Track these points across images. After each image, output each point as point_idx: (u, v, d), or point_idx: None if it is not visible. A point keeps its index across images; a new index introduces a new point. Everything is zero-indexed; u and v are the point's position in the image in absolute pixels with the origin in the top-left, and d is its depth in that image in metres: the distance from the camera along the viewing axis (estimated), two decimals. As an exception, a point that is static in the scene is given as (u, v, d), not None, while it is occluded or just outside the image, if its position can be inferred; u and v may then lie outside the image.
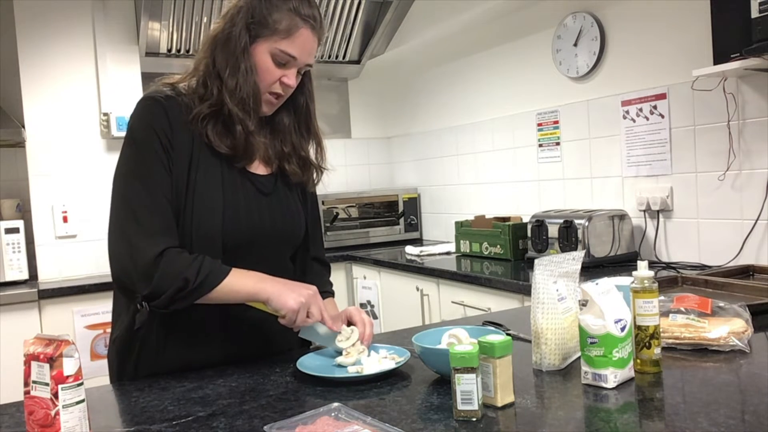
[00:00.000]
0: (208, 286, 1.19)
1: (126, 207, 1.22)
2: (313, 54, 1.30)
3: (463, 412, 0.93)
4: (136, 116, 1.27)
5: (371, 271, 3.23)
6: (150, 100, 1.27)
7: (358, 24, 3.58)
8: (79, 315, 2.81)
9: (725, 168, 2.19)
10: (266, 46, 1.26)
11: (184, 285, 1.17)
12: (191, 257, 1.20)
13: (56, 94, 3.10)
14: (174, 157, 1.24)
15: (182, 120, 1.25)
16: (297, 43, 1.26)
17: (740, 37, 1.91)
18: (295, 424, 0.92)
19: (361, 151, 4.20)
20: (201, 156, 1.27)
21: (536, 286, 1.14)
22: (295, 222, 1.41)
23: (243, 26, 1.25)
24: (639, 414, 0.94)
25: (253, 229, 1.31)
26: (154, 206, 1.21)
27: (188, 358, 1.30)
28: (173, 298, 1.18)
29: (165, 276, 1.17)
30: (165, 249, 1.19)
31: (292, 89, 1.32)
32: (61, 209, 3.08)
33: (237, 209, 1.29)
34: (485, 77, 3.32)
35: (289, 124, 1.39)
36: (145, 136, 1.24)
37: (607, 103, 2.62)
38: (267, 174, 1.38)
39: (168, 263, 1.18)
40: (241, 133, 1.27)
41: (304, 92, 1.39)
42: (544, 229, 2.53)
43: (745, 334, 1.21)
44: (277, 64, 1.27)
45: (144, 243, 1.18)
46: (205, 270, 1.19)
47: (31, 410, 0.88)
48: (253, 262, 1.30)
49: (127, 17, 3.22)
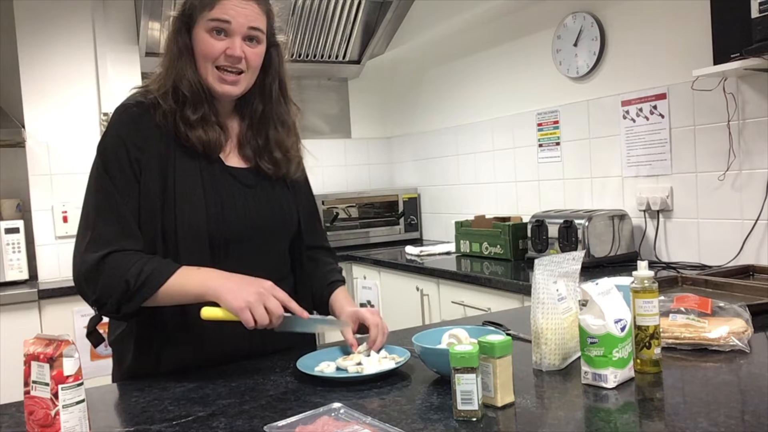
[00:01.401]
0: (151, 288, 1.15)
1: (83, 217, 1.23)
2: (251, 17, 1.25)
3: (463, 412, 0.93)
4: (108, 127, 1.28)
5: (371, 271, 3.23)
6: (121, 109, 1.28)
7: (358, 24, 3.58)
8: (79, 315, 2.81)
9: (725, 168, 2.19)
10: (201, 25, 1.25)
11: (126, 287, 1.15)
12: (136, 259, 1.17)
13: (56, 94, 3.10)
14: (145, 164, 1.23)
15: (153, 124, 1.25)
16: (224, 7, 1.23)
17: (740, 37, 1.91)
18: (295, 424, 0.92)
19: (361, 151, 4.20)
20: (177, 157, 1.26)
21: (536, 286, 1.14)
22: (284, 212, 1.38)
23: (176, 17, 1.27)
24: (639, 414, 0.94)
25: (239, 223, 1.29)
26: (108, 215, 1.20)
27: (183, 358, 1.28)
28: (119, 301, 1.16)
29: (108, 279, 1.16)
30: (109, 253, 1.17)
31: (250, 63, 1.27)
32: (61, 209, 3.08)
33: (221, 204, 1.28)
34: (485, 77, 3.32)
35: (261, 111, 1.35)
36: (111, 147, 1.25)
37: (607, 103, 2.62)
38: (246, 167, 1.36)
39: (110, 268, 1.16)
40: (182, 126, 1.25)
41: (270, 73, 1.34)
42: (544, 229, 2.53)
43: (745, 334, 1.21)
44: (215, 36, 1.24)
45: (89, 251, 1.18)
46: (148, 270, 1.16)
47: (31, 410, 0.88)
48: (247, 256, 1.29)
49: (127, 17, 3.22)
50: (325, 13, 3.46)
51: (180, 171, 1.25)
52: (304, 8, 3.36)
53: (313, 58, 3.68)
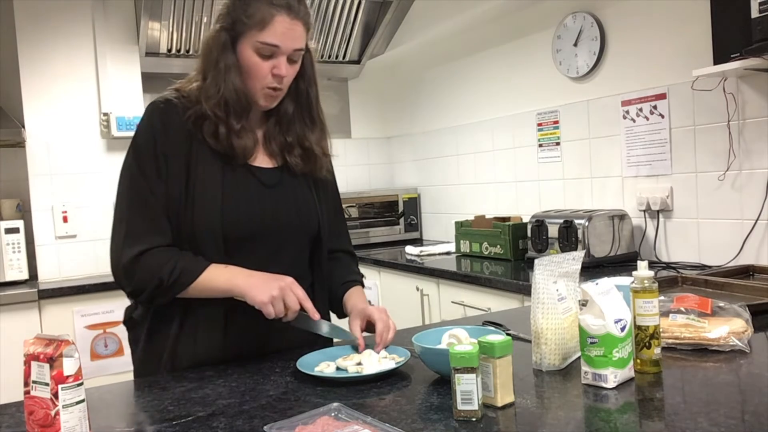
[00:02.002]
0: (181, 285, 1.25)
1: (118, 210, 1.31)
2: (298, 39, 1.29)
3: (463, 412, 0.93)
4: (140, 123, 1.33)
5: (371, 271, 3.23)
6: (151, 106, 1.33)
7: (358, 24, 3.58)
8: (79, 315, 2.81)
9: (725, 168, 2.19)
10: (248, 42, 1.28)
11: (159, 283, 1.25)
12: (168, 256, 1.26)
13: (56, 94, 3.10)
14: (171, 160, 1.28)
15: (180, 122, 1.29)
16: (275, 31, 1.26)
17: (740, 37, 1.91)
18: (295, 424, 0.92)
19: (361, 151, 4.20)
20: (200, 154, 1.30)
21: (536, 286, 1.14)
22: (303, 213, 1.40)
23: (222, 28, 1.29)
24: (639, 414, 0.94)
25: (254, 221, 1.32)
26: (142, 209, 1.28)
27: (194, 355, 1.31)
28: (152, 295, 1.26)
29: (143, 276, 1.25)
30: (145, 250, 1.26)
31: (288, 78, 1.32)
32: (61, 209, 3.08)
33: (236, 202, 1.31)
34: (485, 77, 3.32)
35: (292, 112, 1.40)
36: (143, 142, 1.30)
37: (607, 103, 2.62)
38: (272, 167, 1.39)
39: (145, 264, 1.25)
40: (224, 134, 1.30)
41: (305, 78, 1.39)
42: (544, 229, 2.53)
43: (745, 334, 1.21)
44: (262, 57, 1.28)
45: (125, 245, 1.27)
46: (179, 270, 1.25)
47: (31, 410, 0.88)
48: (262, 255, 1.32)
49: (127, 17, 3.22)
50: (325, 13, 3.46)
51: (201, 170, 1.30)
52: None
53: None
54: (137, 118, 3.12)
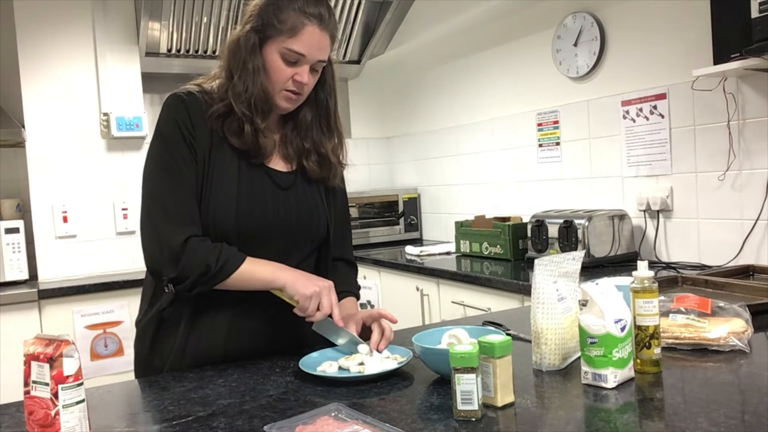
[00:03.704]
0: (227, 272, 1.26)
1: (155, 198, 1.30)
2: (323, 50, 1.32)
3: (463, 412, 0.93)
4: (163, 113, 1.33)
5: (371, 271, 3.23)
6: (173, 98, 1.33)
7: (358, 24, 3.58)
8: (79, 315, 2.81)
9: (725, 168, 2.19)
10: (275, 46, 1.29)
11: (206, 270, 1.25)
12: (213, 245, 1.27)
13: (56, 94, 3.10)
14: (196, 150, 1.30)
15: (202, 115, 1.31)
16: (303, 40, 1.28)
17: (740, 37, 1.91)
18: (295, 424, 0.92)
19: (361, 151, 4.20)
20: (220, 150, 1.32)
21: (536, 286, 1.14)
22: (314, 218, 1.42)
23: (252, 29, 1.30)
24: (639, 414, 0.94)
25: (267, 220, 1.34)
26: (180, 197, 1.28)
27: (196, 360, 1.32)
28: (196, 282, 1.26)
29: (190, 262, 1.25)
30: (189, 237, 1.26)
31: (308, 86, 1.34)
32: (61, 209, 3.08)
33: (251, 199, 1.33)
34: (485, 77, 3.32)
35: (311, 119, 1.42)
36: (171, 131, 1.31)
37: (607, 103, 2.62)
38: (287, 171, 1.41)
39: (192, 250, 1.26)
40: (250, 132, 1.31)
41: (325, 88, 1.41)
42: (544, 229, 2.53)
43: (745, 334, 1.21)
44: (287, 62, 1.30)
45: (170, 231, 1.27)
46: (225, 256, 1.26)
47: (31, 410, 0.88)
48: (270, 255, 1.33)
49: (127, 17, 3.22)
50: (325, 13, 3.46)
51: (219, 166, 1.31)
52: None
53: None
54: (137, 118, 3.17)
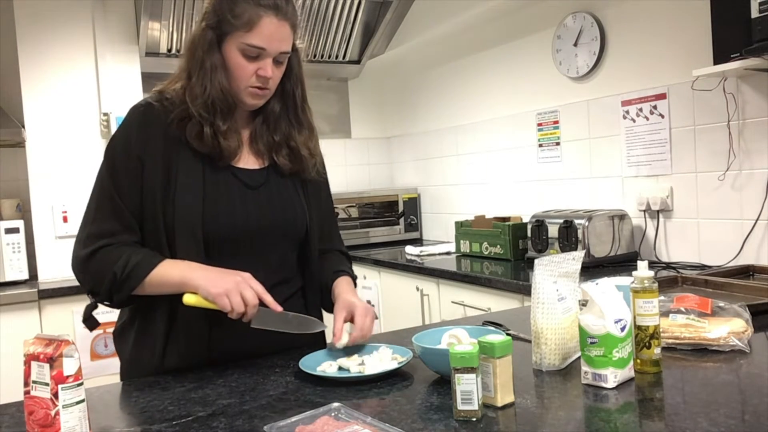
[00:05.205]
0: (136, 278, 1.23)
1: (85, 213, 1.30)
2: (284, 41, 1.28)
3: (463, 412, 0.93)
4: (118, 127, 1.32)
5: (371, 271, 3.23)
6: (131, 111, 1.32)
7: (358, 24, 3.58)
8: (79, 315, 2.81)
9: (725, 168, 2.19)
10: (234, 42, 1.26)
11: (113, 278, 1.22)
12: (122, 251, 1.24)
13: (56, 94, 3.09)
14: (147, 162, 1.27)
15: (159, 126, 1.28)
16: (261, 33, 1.24)
17: (740, 37, 1.91)
18: (295, 424, 0.92)
19: (361, 151, 4.20)
20: (181, 158, 1.28)
21: (536, 286, 1.14)
22: (289, 214, 1.38)
23: (207, 27, 1.27)
24: (639, 414, 0.94)
25: (235, 223, 1.30)
26: (106, 211, 1.27)
27: (182, 354, 1.29)
28: (110, 291, 1.24)
29: (97, 272, 1.24)
30: (100, 247, 1.24)
31: (274, 79, 1.30)
32: (61, 209, 3.07)
33: (217, 204, 1.29)
34: (485, 77, 3.32)
35: (279, 111, 1.38)
36: (116, 143, 1.30)
37: (607, 103, 2.62)
38: (258, 168, 1.37)
39: (99, 260, 1.24)
40: (210, 135, 1.27)
41: (291, 78, 1.37)
42: (544, 229, 2.53)
43: (745, 334, 1.21)
44: (248, 58, 1.26)
45: (83, 245, 1.26)
46: (133, 262, 1.22)
47: (31, 410, 0.88)
48: (245, 257, 1.30)
49: (127, 17, 3.22)
50: (325, 13, 3.46)
51: (183, 172, 1.28)
52: (304, 8, 3.36)
53: (312, 58, 3.68)
54: (137, 118, 3.16)
